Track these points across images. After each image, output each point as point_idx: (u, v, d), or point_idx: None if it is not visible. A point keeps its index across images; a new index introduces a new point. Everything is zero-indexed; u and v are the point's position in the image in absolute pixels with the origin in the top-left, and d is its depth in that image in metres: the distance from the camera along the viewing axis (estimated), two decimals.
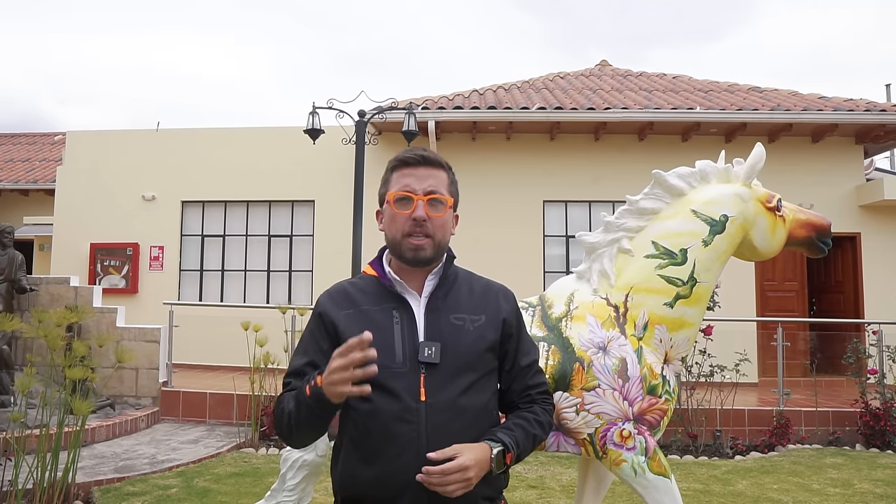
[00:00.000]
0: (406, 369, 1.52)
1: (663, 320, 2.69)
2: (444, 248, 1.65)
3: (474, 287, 1.69)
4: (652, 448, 2.57)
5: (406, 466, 1.46)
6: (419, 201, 1.59)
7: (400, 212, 1.60)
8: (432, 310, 1.60)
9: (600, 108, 9.58)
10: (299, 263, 10.55)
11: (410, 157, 1.66)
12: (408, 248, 1.59)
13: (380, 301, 1.61)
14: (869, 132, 9.94)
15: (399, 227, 1.60)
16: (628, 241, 2.82)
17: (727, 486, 5.37)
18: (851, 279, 10.28)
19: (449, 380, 1.53)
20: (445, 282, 1.65)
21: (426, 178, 1.62)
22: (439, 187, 1.63)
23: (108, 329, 7.74)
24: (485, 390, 1.60)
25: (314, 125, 5.96)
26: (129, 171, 10.80)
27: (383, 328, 1.56)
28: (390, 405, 1.50)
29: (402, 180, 1.63)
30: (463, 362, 1.55)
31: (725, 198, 2.85)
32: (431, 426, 1.49)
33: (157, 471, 5.57)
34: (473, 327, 1.60)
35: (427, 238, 1.59)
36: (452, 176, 1.70)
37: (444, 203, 1.62)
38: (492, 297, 1.68)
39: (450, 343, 1.55)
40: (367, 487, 1.51)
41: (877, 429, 6.89)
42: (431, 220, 1.59)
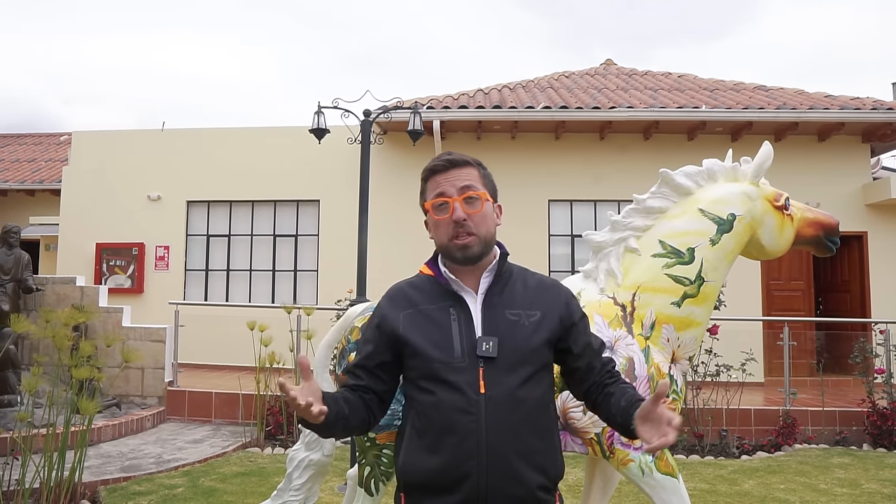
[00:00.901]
0: (465, 364, 1.57)
1: (671, 319, 2.68)
2: (491, 241, 1.70)
3: (528, 283, 1.74)
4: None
5: (467, 455, 1.52)
6: (455, 203, 1.65)
7: (440, 217, 1.67)
8: (489, 306, 1.65)
9: (605, 108, 9.55)
10: (304, 263, 10.56)
11: (438, 164, 1.72)
12: (455, 248, 1.65)
13: (437, 300, 1.67)
14: (876, 131, 9.90)
15: (443, 232, 1.67)
16: (635, 240, 2.82)
17: (733, 486, 5.35)
18: (858, 278, 10.24)
19: (506, 373, 1.58)
20: (501, 278, 1.70)
21: (456, 178, 1.68)
22: (471, 183, 1.68)
23: (114, 329, 7.76)
24: (541, 383, 1.64)
25: (319, 125, 5.96)
26: (135, 172, 10.83)
27: (442, 325, 1.63)
28: (452, 398, 1.56)
29: (436, 188, 1.70)
30: (519, 356, 1.60)
31: (733, 196, 2.84)
32: (491, 417, 1.54)
33: (162, 470, 5.59)
34: (529, 322, 1.64)
35: (471, 236, 1.64)
36: (483, 170, 1.75)
37: (479, 198, 1.67)
38: (545, 293, 1.72)
39: (506, 338, 1.60)
40: (429, 474, 1.57)
41: (884, 429, 6.85)
42: (471, 217, 1.65)
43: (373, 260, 8.09)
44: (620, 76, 12.32)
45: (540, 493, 1.57)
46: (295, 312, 7.44)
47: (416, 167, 8.43)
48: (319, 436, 1.59)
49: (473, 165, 1.72)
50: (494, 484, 1.51)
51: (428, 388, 1.59)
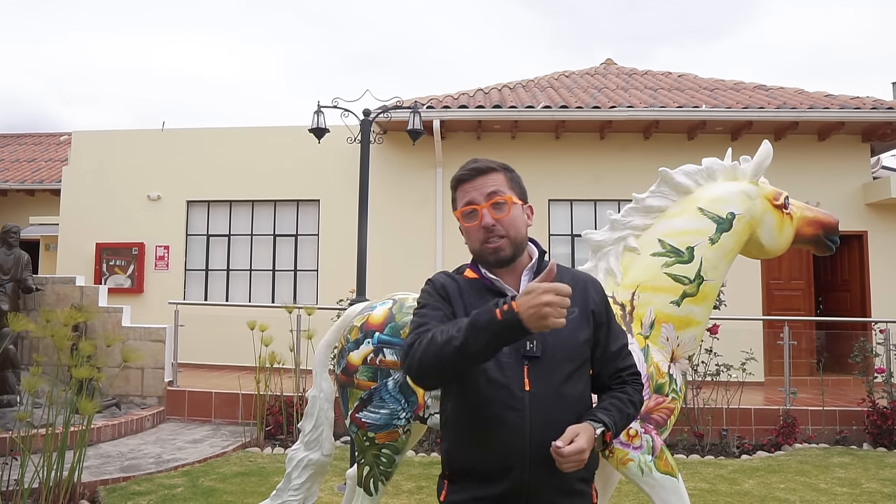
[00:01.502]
0: (512, 361, 1.62)
1: (670, 319, 2.68)
2: (521, 243, 1.74)
3: (564, 280, 1.73)
4: (659, 447, 2.56)
5: (512, 449, 1.59)
6: (483, 210, 1.70)
7: (470, 225, 1.73)
8: None
9: (605, 107, 9.55)
10: (304, 263, 10.56)
11: (464, 173, 1.77)
12: (487, 253, 1.71)
13: (483, 298, 1.69)
14: (876, 130, 9.89)
15: (475, 238, 1.73)
16: (634, 240, 2.81)
17: (734, 486, 5.35)
18: (858, 278, 10.23)
19: (550, 371, 1.63)
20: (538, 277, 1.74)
21: (482, 185, 1.73)
22: (497, 188, 1.72)
23: (114, 328, 7.76)
24: (581, 379, 1.71)
25: (319, 124, 5.95)
26: (135, 171, 10.82)
27: None
28: (498, 394, 1.62)
29: (464, 197, 1.75)
30: (561, 354, 1.65)
31: (732, 195, 2.83)
32: (535, 413, 1.60)
33: (162, 470, 5.58)
34: (568, 320, 1.62)
35: (502, 239, 1.70)
36: (510, 173, 1.79)
37: (506, 202, 1.71)
38: (580, 289, 1.74)
39: (549, 337, 1.63)
40: (475, 463, 1.64)
41: (884, 428, 6.85)
42: (499, 221, 1.70)
43: (373, 260, 8.08)
44: (620, 76, 12.31)
45: (579, 485, 1.67)
46: (295, 312, 7.43)
47: (416, 167, 8.53)
48: (496, 345, 1.50)
49: (499, 170, 1.76)
50: (537, 476, 1.58)
51: (475, 383, 1.63)
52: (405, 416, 2.84)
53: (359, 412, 2.89)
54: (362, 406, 2.88)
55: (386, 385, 2.85)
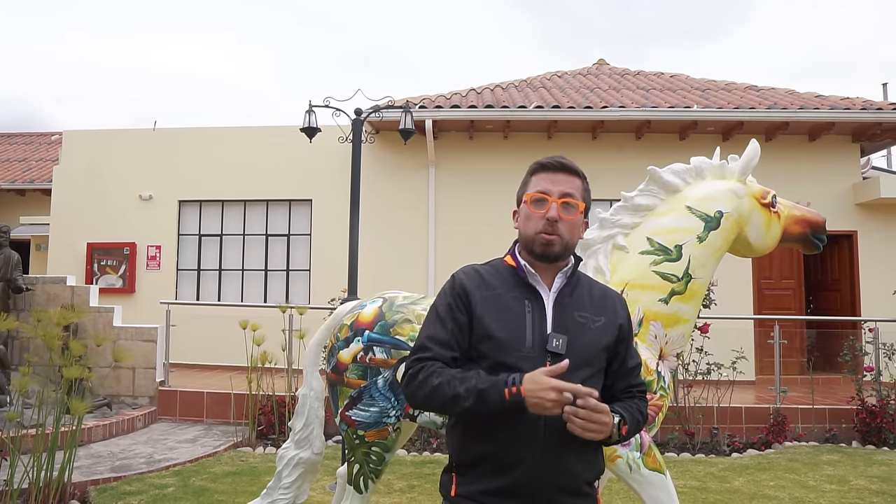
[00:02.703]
0: (535, 355, 1.64)
1: (658, 316, 2.70)
2: (571, 248, 1.77)
3: (594, 291, 1.82)
4: (647, 444, 2.57)
5: (523, 443, 1.60)
6: (553, 203, 1.72)
7: (535, 211, 1.74)
8: (560, 305, 1.73)
9: (597, 107, 9.58)
10: (297, 263, 10.55)
11: (550, 162, 1.79)
12: (539, 242, 1.72)
13: (514, 289, 1.73)
14: (865, 131, 9.95)
15: (533, 225, 1.74)
16: (623, 238, 2.83)
17: (724, 484, 5.38)
18: (848, 277, 10.29)
19: (570, 371, 1.61)
20: (571, 281, 1.78)
21: (562, 182, 1.75)
22: (574, 191, 1.76)
23: (105, 328, 7.73)
24: (596, 385, 1.71)
25: (310, 123, 5.95)
26: (126, 171, 10.78)
27: (516, 314, 1.70)
28: None
29: (540, 183, 1.76)
30: (583, 357, 1.67)
31: (720, 194, 2.85)
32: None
33: (153, 470, 5.57)
34: (594, 327, 1.73)
35: (557, 236, 1.72)
36: (587, 184, 1.82)
37: (576, 207, 1.75)
38: (609, 302, 1.81)
39: (574, 338, 1.68)
40: (487, 453, 1.64)
41: (873, 426, 6.90)
42: (563, 220, 1.72)
43: (365, 259, 8.08)
44: (613, 76, 12.35)
45: (584, 487, 1.68)
46: (287, 312, 7.43)
47: (408, 167, 8.54)
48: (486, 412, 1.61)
49: (580, 177, 1.80)
50: (545, 474, 1.60)
51: (495, 374, 1.63)
52: (395, 413, 2.85)
53: (349, 410, 2.89)
54: (352, 404, 2.89)
55: (376, 383, 2.86)
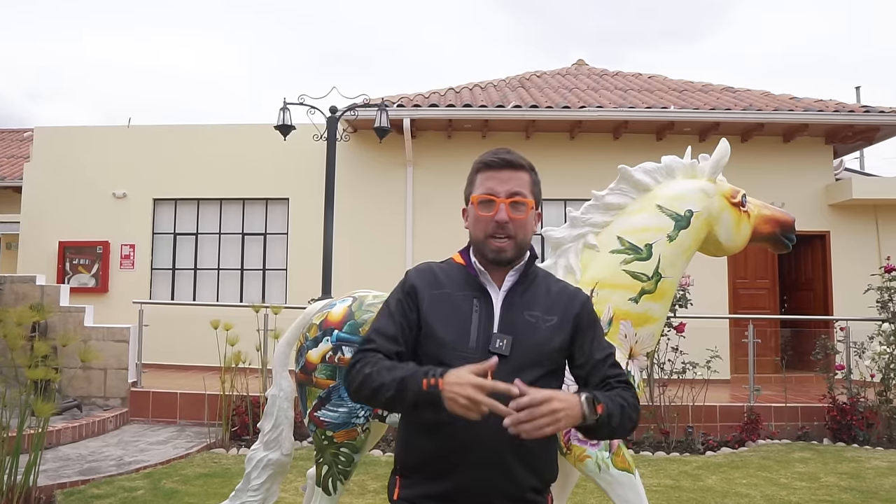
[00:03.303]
0: (477, 357, 1.57)
1: (628, 315, 2.69)
2: (525, 248, 1.72)
3: (551, 288, 1.76)
4: (616, 444, 2.57)
5: (463, 445, 1.55)
6: (501, 204, 1.66)
7: (483, 214, 1.68)
8: (508, 304, 1.67)
9: (575, 107, 9.60)
10: (273, 262, 10.45)
11: (494, 160, 1.72)
12: (490, 248, 1.67)
13: (464, 287, 1.69)
14: (838, 133, 10.09)
15: (482, 228, 1.68)
16: (594, 237, 2.82)
17: (697, 482, 5.41)
18: (821, 277, 10.43)
19: (515, 373, 1.55)
20: (525, 279, 1.72)
21: (509, 180, 1.69)
22: (521, 189, 1.69)
23: (76, 328, 7.58)
24: (548, 386, 1.61)
25: (285, 121, 5.89)
26: (100, 168, 10.61)
27: (463, 313, 1.66)
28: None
29: (485, 183, 1.70)
30: (531, 358, 1.62)
31: (690, 193, 2.85)
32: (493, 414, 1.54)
33: (123, 472, 5.47)
34: (545, 326, 1.67)
35: (509, 239, 1.66)
36: (535, 176, 1.76)
37: (526, 205, 1.69)
38: (565, 300, 1.74)
39: (521, 338, 1.62)
40: (428, 457, 1.60)
41: (843, 423, 6.99)
42: (513, 221, 1.66)
43: (342, 258, 8.04)
44: (591, 76, 12.40)
45: (531, 494, 1.60)
46: (262, 311, 7.35)
47: (385, 165, 8.52)
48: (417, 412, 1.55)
49: (528, 170, 1.74)
50: (487, 478, 1.55)
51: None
52: (364, 414, 2.82)
53: (317, 411, 2.85)
54: (321, 405, 2.85)
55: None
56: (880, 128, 10.06)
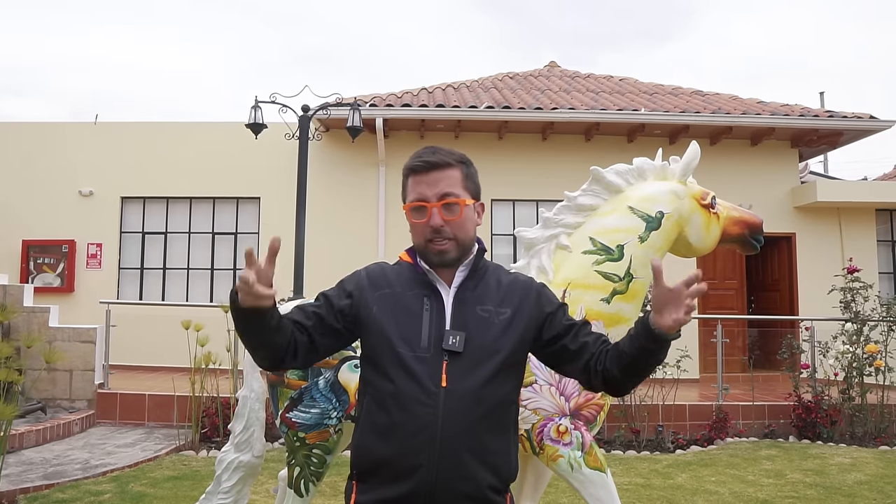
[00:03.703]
0: (430, 355, 1.56)
1: (600, 316, 2.71)
2: (468, 245, 1.67)
3: (502, 280, 1.72)
4: (588, 443, 2.59)
5: (420, 447, 1.51)
6: (433, 209, 1.62)
7: (417, 221, 1.65)
8: (460, 300, 1.64)
9: (548, 109, 9.67)
10: (244, 262, 10.30)
11: (418, 163, 1.67)
12: (432, 253, 1.64)
13: (413, 286, 1.65)
14: (803, 136, 10.31)
15: (420, 234, 1.65)
16: (566, 238, 2.84)
17: (667, 480, 5.48)
18: (787, 278, 10.64)
19: (470, 369, 1.56)
20: (475, 274, 1.69)
21: (437, 182, 1.64)
22: (452, 188, 1.64)
23: (40, 329, 7.41)
24: (505, 382, 1.63)
25: (256, 119, 5.84)
26: (66, 165, 10.39)
27: (413, 313, 1.62)
28: (411, 388, 1.55)
29: (415, 189, 1.66)
30: (485, 353, 1.59)
31: (662, 195, 2.89)
32: (448, 412, 1.53)
33: (89, 476, 5.36)
34: (499, 320, 1.63)
35: (449, 241, 1.63)
36: (467, 168, 1.70)
37: (459, 205, 1.64)
38: (517, 291, 1.70)
39: (474, 334, 1.59)
40: (381, 462, 1.56)
41: (808, 421, 7.14)
42: (449, 223, 1.62)
43: (314, 258, 7.97)
44: (563, 78, 12.49)
45: (490, 494, 1.56)
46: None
47: (359, 165, 8.49)
48: (244, 326, 1.54)
49: (456, 165, 1.67)
50: (444, 478, 1.51)
51: (388, 374, 1.58)
52: (336, 415, 2.80)
53: (289, 412, 2.83)
54: (293, 406, 2.82)
55: (317, 384, 2.80)
56: (843, 132, 10.30)
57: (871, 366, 7.23)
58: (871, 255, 10.29)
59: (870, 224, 10.51)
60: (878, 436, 7.05)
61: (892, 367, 7.35)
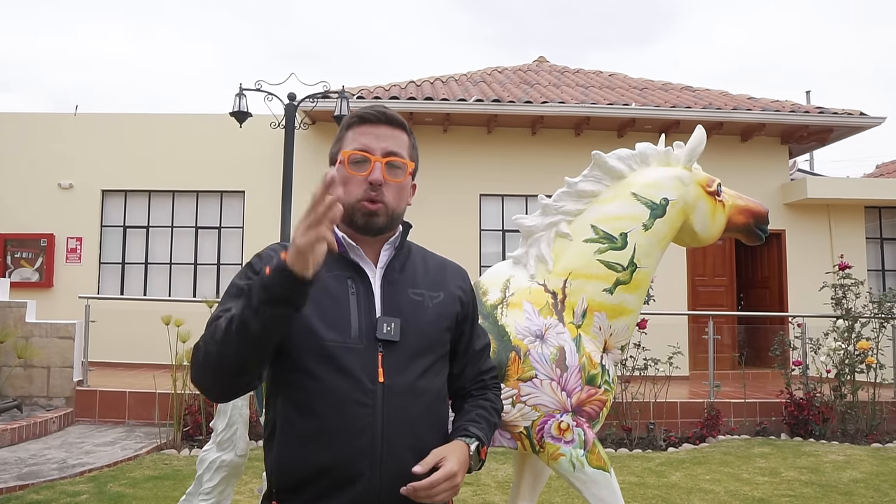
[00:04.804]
0: (362, 346, 1.38)
1: (603, 307, 2.58)
2: (398, 218, 1.51)
3: (429, 263, 1.58)
4: (591, 441, 2.45)
5: (360, 453, 1.33)
6: (377, 163, 1.45)
7: (354, 173, 1.45)
8: (389, 282, 1.47)
9: (538, 102, 9.55)
10: (228, 257, 10.13)
11: (370, 113, 1.50)
12: (361, 212, 1.44)
13: (333, 267, 1.41)
14: (794, 133, 10.27)
15: (353, 190, 1.45)
16: (566, 225, 2.70)
17: (661, 479, 5.38)
18: (777, 274, 10.61)
19: (408, 360, 1.41)
20: (401, 253, 1.53)
21: (386, 137, 1.48)
22: (399, 149, 1.49)
23: (16, 325, 7.18)
24: (440, 373, 1.50)
25: (241, 108, 5.66)
26: (45, 157, 10.13)
27: (338, 298, 1.41)
28: (345, 385, 1.35)
29: (359, 139, 1.48)
30: (423, 341, 1.44)
31: (666, 181, 2.76)
32: (389, 410, 1.36)
33: (66, 476, 5.16)
34: (433, 304, 1.49)
35: (382, 204, 1.45)
36: (413, 140, 1.57)
37: (404, 168, 1.49)
38: (449, 275, 1.58)
39: (410, 320, 1.43)
40: (312, 475, 1.34)
41: (800, 418, 7.07)
42: (388, 184, 1.45)
43: None
44: (553, 73, 12.38)
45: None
46: (214, 307, 7.07)
47: None
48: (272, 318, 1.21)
49: (406, 131, 1.54)
50: (390, 486, 1.33)
51: (313, 371, 1.35)
52: None
53: None
54: None
55: None
56: (834, 129, 10.27)
57: (862, 363, 7.18)
58: (860, 252, 10.28)
59: (859, 221, 10.50)
60: (869, 433, 7.00)
61: (883, 364, 7.31)
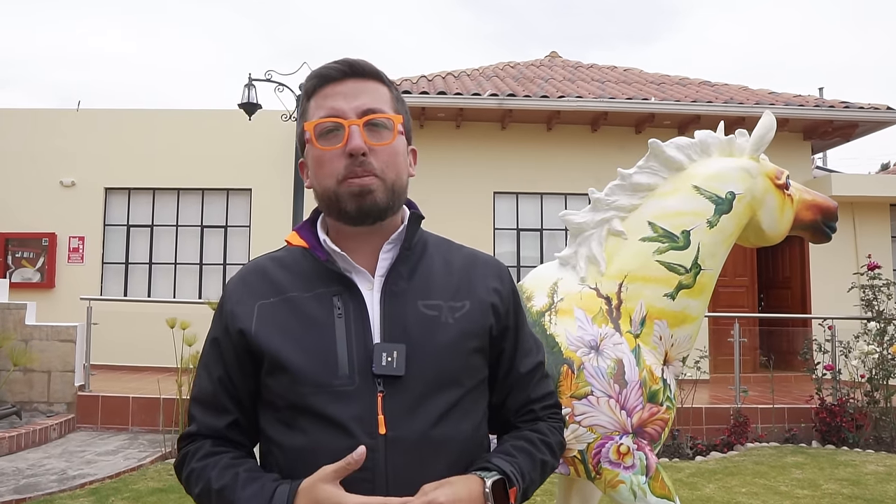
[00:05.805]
0: (354, 387, 1.04)
1: (664, 314, 2.29)
2: (399, 192, 1.13)
3: (453, 260, 1.18)
4: (654, 466, 2.17)
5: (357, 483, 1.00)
6: (353, 127, 1.07)
7: (326, 148, 1.09)
8: (392, 294, 1.10)
9: (554, 97, 9.25)
10: (235, 256, 9.85)
11: (332, 67, 1.11)
12: (348, 195, 1.08)
13: (314, 284, 1.10)
14: (817, 128, 9.94)
15: (330, 170, 1.09)
16: (620, 222, 2.41)
17: (694, 491, 5.07)
18: (799, 275, 10.28)
19: (420, 400, 1.05)
20: (410, 253, 1.15)
21: (358, 94, 1.10)
22: (379, 104, 1.11)
23: (16, 327, 6.91)
24: (472, 412, 1.11)
25: (250, 99, 5.38)
26: (46, 155, 9.87)
27: (320, 325, 1.07)
28: (333, 442, 1.02)
29: (324, 104, 1.10)
30: (440, 372, 1.07)
31: (732, 172, 2.48)
32: (395, 472, 1.02)
33: (65, 489, 4.88)
34: (454, 319, 1.10)
35: (371, 176, 1.07)
36: (396, 91, 1.17)
37: (390, 125, 1.11)
38: (478, 274, 1.17)
39: (420, 344, 1.07)
40: None
41: (833, 425, 6.76)
42: (374, 151, 1.08)
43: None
44: (566, 68, 12.09)
45: None
46: None
47: None
48: None
49: (383, 82, 1.15)
50: None
51: (295, 424, 1.05)
52: None
53: None
54: None
55: None
56: (859, 124, 9.94)
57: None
58: (885, 251, 9.95)
59: (884, 219, 10.18)
60: None
61: None
